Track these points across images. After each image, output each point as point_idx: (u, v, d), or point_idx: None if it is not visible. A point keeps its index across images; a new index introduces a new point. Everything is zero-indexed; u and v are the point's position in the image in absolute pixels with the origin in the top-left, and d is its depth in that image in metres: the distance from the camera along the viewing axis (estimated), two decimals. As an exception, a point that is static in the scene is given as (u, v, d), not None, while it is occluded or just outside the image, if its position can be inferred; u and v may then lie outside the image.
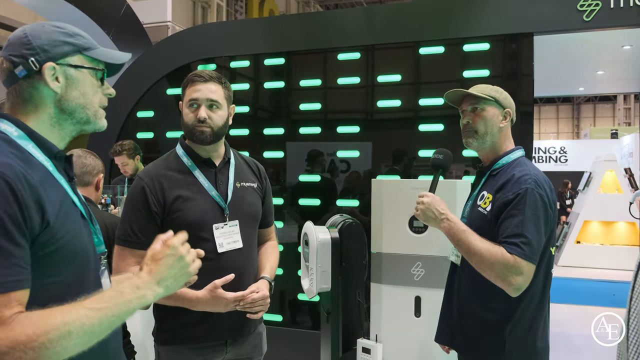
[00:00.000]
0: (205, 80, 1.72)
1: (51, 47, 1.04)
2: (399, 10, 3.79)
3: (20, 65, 1.02)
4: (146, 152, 4.22)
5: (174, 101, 4.36)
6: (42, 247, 0.95)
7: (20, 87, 1.04)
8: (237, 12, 19.44)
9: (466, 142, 1.83)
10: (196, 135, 1.72)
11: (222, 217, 1.73)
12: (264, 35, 4.11)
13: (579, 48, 3.95)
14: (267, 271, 1.83)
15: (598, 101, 26.45)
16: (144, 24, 6.82)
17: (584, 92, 6.55)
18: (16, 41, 1.04)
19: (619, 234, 8.58)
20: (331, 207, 3.74)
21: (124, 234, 1.68)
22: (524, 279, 1.58)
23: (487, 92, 1.80)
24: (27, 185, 0.93)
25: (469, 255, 1.65)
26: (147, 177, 1.71)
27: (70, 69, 1.07)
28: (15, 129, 1.03)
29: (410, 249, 2.50)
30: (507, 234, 1.60)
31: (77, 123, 1.10)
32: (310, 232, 2.53)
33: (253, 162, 1.95)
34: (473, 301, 1.74)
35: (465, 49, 3.50)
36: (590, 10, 3.18)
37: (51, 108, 1.06)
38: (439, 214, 1.72)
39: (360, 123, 3.78)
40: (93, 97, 1.10)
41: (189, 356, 1.71)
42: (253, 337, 1.85)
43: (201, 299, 1.62)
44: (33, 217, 0.93)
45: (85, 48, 1.09)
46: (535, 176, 1.67)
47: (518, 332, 1.67)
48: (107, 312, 0.95)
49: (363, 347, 2.58)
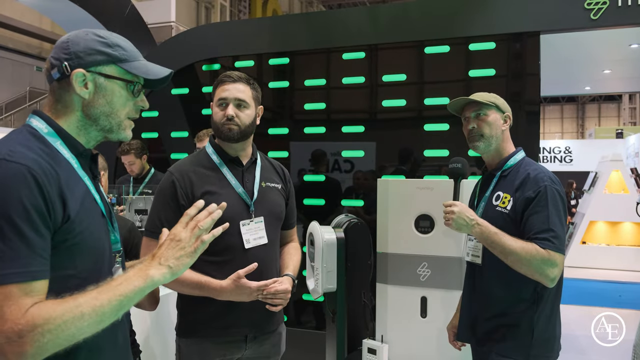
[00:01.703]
0: (233, 81, 1.80)
1: (85, 55, 1.09)
2: (403, 9, 3.77)
3: (55, 67, 1.10)
4: (150, 151, 4.23)
5: (179, 101, 4.37)
6: (62, 240, 1.00)
7: (54, 88, 1.12)
8: (240, 12, 19.47)
9: (473, 146, 1.91)
10: (224, 132, 1.78)
11: (248, 214, 1.79)
12: (269, 35, 4.10)
13: (585, 47, 3.93)
14: (291, 269, 1.88)
15: (603, 101, 26.34)
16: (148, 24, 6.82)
17: (590, 91, 6.52)
18: (60, 45, 1.12)
19: (625, 235, 8.53)
20: (336, 207, 3.73)
21: (152, 226, 1.74)
22: (558, 270, 1.69)
23: (488, 98, 1.91)
24: (52, 179, 0.99)
25: (504, 254, 1.72)
26: (177, 172, 1.78)
27: (100, 77, 1.11)
28: (46, 126, 1.09)
29: (416, 249, 2.48)
30: (536, 230, 1.70)
31: (101, 130, 1.14)
32: (316, 232, 2.52)
33: (278, 165, 2.03)
34: (500, 295, 1.82)
35: (470, 48, 3.48)
36: (597, 9, 3.15)
37: (78, 112, 1.11)
38: (469, 220, 1.79)
39: (364, 123, 3.77)
40: (120, 107, 1.14)
41: (209, 350, 1.76)
42: (273, 336, 1.88)
43: (225, 288, 1.67)
44: (57, 210, 0.98)
45: (120, 60, 1.12)
46: (548, 174, 1.79)
47: (543, 319, 1.78)
48: (115, 292, 0.99)
49: (369, 347, 2.57)
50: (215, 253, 1.73)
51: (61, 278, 1.00)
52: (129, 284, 1.01)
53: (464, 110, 1.95)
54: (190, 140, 4.18)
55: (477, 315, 1.90)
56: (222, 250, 1.74)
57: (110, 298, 0.99)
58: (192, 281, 1.69)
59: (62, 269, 1.01)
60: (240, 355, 1.80)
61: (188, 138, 4.24)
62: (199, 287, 1.69)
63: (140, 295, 1.04)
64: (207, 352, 1.76)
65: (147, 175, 4.00)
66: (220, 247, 1.73)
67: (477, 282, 1.92)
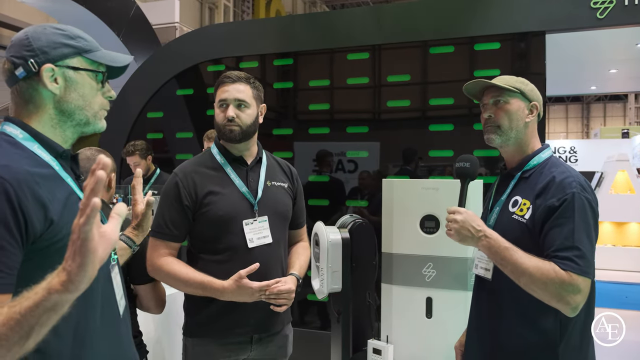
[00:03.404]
0: (233, 81, 1.80)
1: (50, 49, 1.05)
2: (408, 9, 3.77)
3: (20, 66, 1.04)
4: (156, 152, 4.24)
5: (184, 102, 4.38)
6: (48, 244, 0.97)
7: (20, 88, 1.06)
8: (244, 13, 19.48)
9: (488, 138, 1.62)
10: (225, 133, 1.79)
11: (252, 213, 1.78)
12: (273, 35, 4.11)
13: (591, 46, 3.91)
14: (296, 269, 1.88)
15: (608, 100, 26.20)
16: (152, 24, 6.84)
17: (596, 91, 6.49)
18: (18, 42, 1.06)
19: (632, 235, 8.48)
20: (340, 208, 3.73)
21: (157, 227, 1.75)
22: (582, 297, 1.39)
23: (512, 83, 1.63)
24: (26, 186, 0.94)
25: (516, 274, 1.43)
26: (181, 173, 1.79)
27: (69, 70, 1.07)
28: (21, 131, 1.05)
29: (422, 249, 2.48)
30: (557, 246, 1.41)
31: (77, 125, 1.11)
32: (321, 233, 2.52)
33: (285, 164, 2.02)
34: (516, 322, 1.53)
35: (475, 48, 3.47)
36: (603, 8, 3.13)
37: (51, 109, 1.07)
38: (475, 231, 1.50)
39: (369, 123, 3.76)
40: (92, 99, 1.11)
41: (215, 351, 1.76)
42: (279, 338, 1.88)
43: (227, 288, 1.67)
44: (33, 217, 0.94)
45: (85, 50, 1.09)
46: (577, 178, 1.50)
47: (571, 350, 1.48)
48: (15, 309, 0.79)
49: (374, 348, 2.57)
50: (218, 252, 1.74)
51: None
52: (32, 298, 0.78)
53: (483, 96, 1.68)
54: (195, 140, 4.19)
55: (486, 349, 1.60)
56: (225, 250, 1.74)
57: (9, 316, 0.79)
58: (196, 281, 1.70)
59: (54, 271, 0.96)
60: (245, 356, 1.80)
61: (193, 139, 4.25)
62: (202, 287, 1.69)
63: (51, 312, 0.78)
64: (213, 352, 1.76)
65: (152, 175, 4.02)
66: (223, 246, 1.74)
67: (486, 303, 1.62)
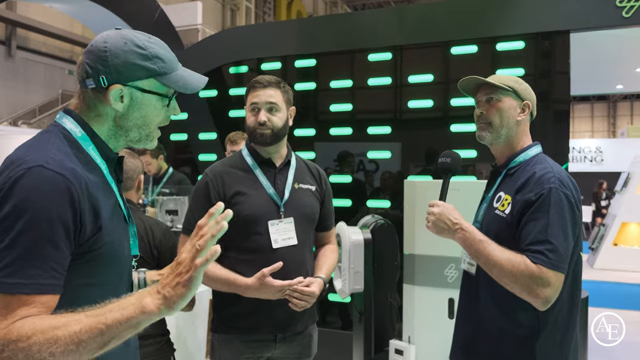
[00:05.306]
0: (264, 86, 1.85)
1: (125, 69, 1.04)
2: (430, 10, 3.76)
3: (91, 78, 1.04)
4: (179, 153, 4.31)
5: (207, 104, 4.45)
6: (89, 250, 0.98)
7: (87, 95, 1.07)
8: (265, 14, 19.60)
9: (479, 135, 1.66)
10: (257, 137, 1.84)
11: (278, 214, 1.83)
12: (295, 37, 4.15)
13: (617, 45, 3.85)
14: (324, 271, 1.90)
15: (635, 99, 25.55)
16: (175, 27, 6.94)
17: (622, 89, 6.37)
18: (96, 52, 1.05)
19: (659, 237, 8.28)
20: (362, 208, 3.74)
21: (187, 224, 1.83)
22: (552, 291, 1.41)
23: (505, 81, 1.64)
24: (86, 190, 0.96)
25: (488, 267, 1.48)
26: (211, 173, 1.87)
27: (137, 91, 1.07)
28: (80, 130, 1.06)
29: (444, 250, 2.48)
30: (530, 240, 1.43)
31: (130, 141, 1.12)
32: (343, 233, 2.55)
33: (314, 166, 2.03)
34: (495, 315, 1.56)
35: (498, 47, 3.45)
36: (629, 7, 3.08)
37: (110, 122, 1.09)
38: (452, 224, 1.56)
39: (391, 123, 3.77)
40: (153, 118, 1.11)
41: (240, 348, 1.81)
42: (302, 337, 1.91)
43: (250, 285, 1.73)
44: (87, 222, 0.96)
45: (159, 74, 1.08)
46: (558, 174, 1.50)
47: (549, 348, 1.50)
48: (100, 319, 0.87)
49: (396, 348, 2.58)
50: (244, 251, 1.80)
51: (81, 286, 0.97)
52: (120, 312, 0.87)
53: (477, 92, 1.70)
54: (217, 141, 4.25)
55: (469, 339, 1.64)
56: (251, 249, 1.80)
57: (92, 325, 0.86)
58: (222, 277, 1.76)
59: (85, 277, 0.98)
60: (270, 354, 1.84)
61: (216, 140, 4.31)
62: (227, 283, 1.76)
63: (132, 328, 0.88)
64: (238, 349, 1.81)
65: (165, 174, 4.04)
66: (248, 245, 1.80)
67: (470, 296, 1.67)
